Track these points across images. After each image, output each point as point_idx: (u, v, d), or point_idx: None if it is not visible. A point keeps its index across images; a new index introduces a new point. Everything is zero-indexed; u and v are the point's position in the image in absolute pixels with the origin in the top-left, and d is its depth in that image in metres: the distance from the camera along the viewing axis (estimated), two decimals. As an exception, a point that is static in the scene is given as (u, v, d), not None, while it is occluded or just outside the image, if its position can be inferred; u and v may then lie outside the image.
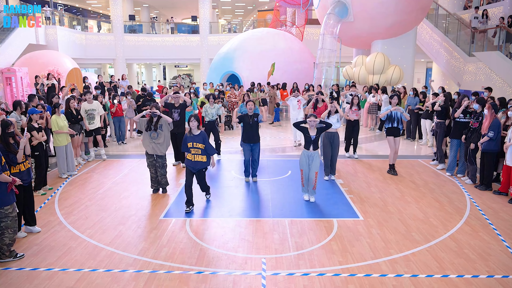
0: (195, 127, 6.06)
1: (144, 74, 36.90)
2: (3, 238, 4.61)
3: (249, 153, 7.51)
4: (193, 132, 6.09)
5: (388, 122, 8.10)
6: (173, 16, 30.04)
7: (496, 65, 12.79)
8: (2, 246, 4.62)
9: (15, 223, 4.74)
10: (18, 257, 4.72)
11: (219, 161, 9.34)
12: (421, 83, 23.51)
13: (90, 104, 9.12)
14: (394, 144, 8.09)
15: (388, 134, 8.12)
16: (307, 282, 4.22)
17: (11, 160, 4.98)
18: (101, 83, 15.87)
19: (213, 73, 17.72)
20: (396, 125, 8.01)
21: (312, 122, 6.29)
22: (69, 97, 8.90)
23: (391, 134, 8.07)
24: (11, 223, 4.66)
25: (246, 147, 7.50)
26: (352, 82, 15.32)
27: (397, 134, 8.05)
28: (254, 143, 7.48)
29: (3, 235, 4.62)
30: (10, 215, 4.65)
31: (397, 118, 7.99)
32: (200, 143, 6.04)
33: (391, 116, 8.03)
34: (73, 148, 8.59)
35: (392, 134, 8.06)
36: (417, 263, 4.60)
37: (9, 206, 4.64)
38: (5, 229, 4.63)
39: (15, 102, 7.74)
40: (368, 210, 6.23)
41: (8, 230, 4.65)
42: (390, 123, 8.06)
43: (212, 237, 5.30)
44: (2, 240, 4.61)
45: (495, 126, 6.90)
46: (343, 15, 14.65)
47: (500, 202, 6.63)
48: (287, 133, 12.95)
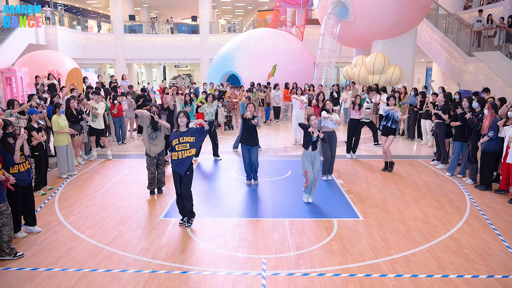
0: (184, 124, 5.52)
1: (144, 74, 36.92)
2: (1, 236, 4.64)
3: (248, 156, 7.43)
4: (180, 130, 5.56)
5: (384, 120, 8.37)
6: (173, 16, 30.04)
7: (496, 65, 12.78)
8: (2, 243, 4.64)
9: (11, 220, 4.77)
10: (17, 256, 4.74)
11: (219, 161, 9.34)
12: (421, 83, 23.52)
13: (97, 104, 9.22)
14: (384, 142, 8.35)
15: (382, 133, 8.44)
16: (307, 282, 4.22)
17: (9, 161, 4.99)
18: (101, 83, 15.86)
19: (213, 73, 17.72)
20: (389, 125, 8.24)
21: (314, 121, 6.29)
22: (69, 97, 8.91)
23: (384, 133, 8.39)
24: (7, 220, 4.70)
25: (244, 149, 7.44)
26: (352, 82, 15.33)
27: (387, 133, 8.28)
28: (252, 145, 7.37)
29: (1, 232, 4.64)
30: (5, 212, 4.69)
31: (392, 118, 8.23)
32: (189, 137, 5.45)
33: (388, 115, 8.30)
34: (73, 148, 8.60)
35: (384, 133, 8.36)
36: (417, 263, 4.60)
37: (3, 204, 4.68)
38: (2, 226, 4.65)
39: (9, 101, 7.74)
40: (368, 210, 6.23)
41: (5, 227, 4.68)
42: (385, 122, 8.32)
43: (212, 237, 5.30)
44: (1, 238, 4.64)
45: (495, 126, 6.91)
46: (343, 15, 14.65)
47: (500, 202, 6.63)
48: (287, 133, 12.95)
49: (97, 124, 9.23)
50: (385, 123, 8.32)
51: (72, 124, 8.47)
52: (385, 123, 8.31)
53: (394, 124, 8.20)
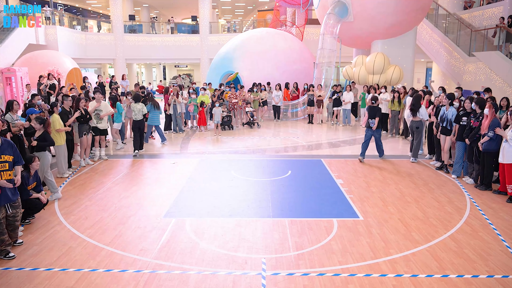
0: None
1: (144, 74, 36.93)
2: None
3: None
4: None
5: (441, 121, 8.47)
6: (173, 16, 30.04)
7: (496, 65, 12.79)
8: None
9: (2, 226, 4.70)
10: (7, 257, 4.67)
11: (219, 162, 9.34)
12: (421, 83, 23.52)
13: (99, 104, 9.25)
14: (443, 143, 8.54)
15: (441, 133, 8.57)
16: (307, 282, 4.22)
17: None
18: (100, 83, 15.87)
19: (213, 73, 17.72)
20: (445, 125, 8.36)
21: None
22: (79, 97, 8.90)
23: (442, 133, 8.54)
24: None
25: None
26: (352, 82, 15.34)
27: (446, 134, 8.35)
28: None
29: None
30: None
31: (447, 119, 8.24)
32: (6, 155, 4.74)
33: (442, 116, 8.40)
34: (81, 148, 8.73)
35: (443, 133, 8.50)
36: (417, 263, 4.60)
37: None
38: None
39: (8, 102, 7.73)
40: (368, 210, 6.24)
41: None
42: (443, 123, 8.41)
43: (212, 237, 5.30)
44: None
45: (495, 125, 6.90)
46: (343, 15, 14.65)
47: (500, 202, 6.63)
48: (287, 133, 12.96)
49: (102, 125, 9.29)
50: (443, 125, 8.26)
51: (80, 124, 8.50)
52: (443, 124, 8.26)
53: (450, 125, 8.12)
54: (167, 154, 10.07)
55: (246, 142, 11.52)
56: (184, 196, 6.89)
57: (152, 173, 8.33)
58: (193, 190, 7.21)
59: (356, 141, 11.60)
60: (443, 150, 8.47)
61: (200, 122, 13.09)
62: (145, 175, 8.15)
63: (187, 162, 9.16)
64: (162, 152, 10.31)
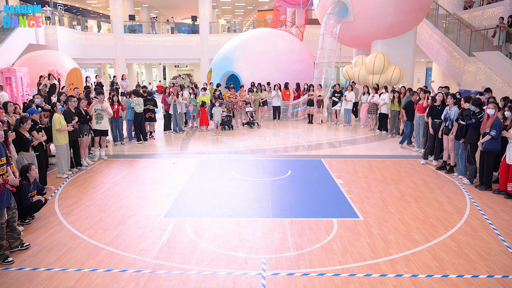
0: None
1: (144, 74, 36.93)
2: None
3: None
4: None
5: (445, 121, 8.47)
6: (173, 16, 30.05)
7: (496, 65, 12.78)
8: None
9: (2, 231, 4.65)
10: (6, 261, 4.62)
11: (219, 161, 9.34)
12: (421, 83, 23.53)
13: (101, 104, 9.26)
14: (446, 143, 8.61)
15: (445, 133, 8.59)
16: (307, 282, 4.22)
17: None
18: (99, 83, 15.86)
19: (213, 73, 17.72)
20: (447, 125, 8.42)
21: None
22: (79, 97, 8.91)
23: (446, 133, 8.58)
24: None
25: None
26: (352, 82, 15.34)
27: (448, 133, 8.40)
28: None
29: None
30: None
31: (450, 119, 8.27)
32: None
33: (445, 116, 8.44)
34: (81, 148, 8.68)
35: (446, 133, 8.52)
36: (417, 263, 4.60)
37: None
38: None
39: (4, 103, 7.72)
40: (368, 210, 6.24)
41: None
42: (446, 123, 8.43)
43: (212, 237, 5.30)
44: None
45: (497, 124, 6.88)
46: (343, 15, 14.65)
47: (500, 202, 6.63)
48: (287, 133, 12.95)
49: (102, 125, 9.31)
50: (446, 124, 8.29)
51: (81, 124, 8.50)
52: (446, 124, 8.29)
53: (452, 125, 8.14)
54: (167, 154, 10.07)
55: (246, 142, 11.52)
56: (184, 196, 6.89)
57: (152, 173, 8.33)
58: (193, 190, 7.21)
59: (356, 141, 11.60)
60: (447, 150, 8.47)
61: (202, 122, 13.10)
62: (145, 175, 8.15)
63: (187, 162, 9.16)
64: (162, 152, 10.31)
